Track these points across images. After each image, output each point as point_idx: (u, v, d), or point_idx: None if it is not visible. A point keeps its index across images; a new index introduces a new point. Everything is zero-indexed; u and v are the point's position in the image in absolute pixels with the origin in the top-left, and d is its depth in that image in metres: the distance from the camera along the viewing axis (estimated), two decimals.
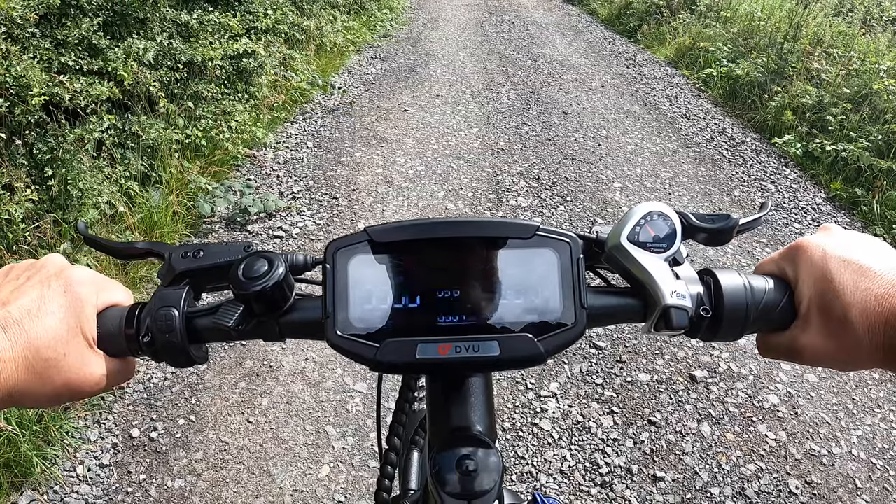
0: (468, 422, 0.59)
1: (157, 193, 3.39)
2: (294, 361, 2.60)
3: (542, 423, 2.37)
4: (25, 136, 2.81)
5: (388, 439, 0.70)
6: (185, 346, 0.55)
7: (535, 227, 0.56)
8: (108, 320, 0.55)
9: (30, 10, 2.80)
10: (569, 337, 0.54)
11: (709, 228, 0.61)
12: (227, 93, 4.32)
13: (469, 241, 0.56)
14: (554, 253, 0.55)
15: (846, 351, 0.51)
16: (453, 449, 0.55)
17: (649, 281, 0.56)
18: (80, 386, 0.52)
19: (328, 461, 2.20)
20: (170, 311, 0.55)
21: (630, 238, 0.57)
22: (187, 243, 0.64)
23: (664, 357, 2.70)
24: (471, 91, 6.17)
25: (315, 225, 3.59)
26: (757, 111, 5.61)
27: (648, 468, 2.22)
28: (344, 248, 0.55)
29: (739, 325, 0.57)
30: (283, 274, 0.55)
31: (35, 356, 0.48)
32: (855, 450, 2.31)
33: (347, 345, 0.54)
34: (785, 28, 6.56)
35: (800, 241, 0.55)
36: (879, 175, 4.17)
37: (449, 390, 0.61)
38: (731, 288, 0.57)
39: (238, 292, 0.55)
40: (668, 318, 0.54)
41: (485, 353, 0.53)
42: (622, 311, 0.60)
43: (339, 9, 7.68)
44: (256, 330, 0.58)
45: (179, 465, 2.18)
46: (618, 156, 4.76)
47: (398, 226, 0.56)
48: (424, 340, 0.53)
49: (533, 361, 0.54)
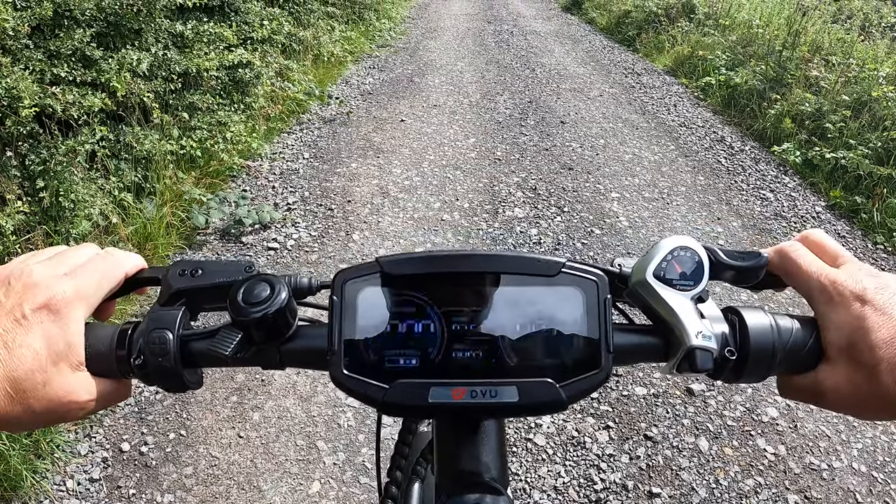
0: (479, 467, 0.56)
1: (151, 205, 3.37)
2: (286, 376, 2.57)
3: (535, 439, 2.33)
4: (17, 148, 2.80)
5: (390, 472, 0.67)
6: (178, 370, 0.52)
7: (562, 263, 0.53)
8: (98, 340, 0.52)
9: (22, 21, 2.79)
10: (593, 382, 0.51)
11: (738, 266, 0.57)
12: (222, 103, 4.30)
13: (489, 277, 0.52)
14: (580, 292, 0.52)
15: (871, 401, 0.49)
16: (463, 496, 0.52)
17: (674, 321, 0.53)
18: (64, 412, 0.49)
19: (319, 477, 2.17)
20: (164, 334, 0.51)
21: (656, 274, 0.54)
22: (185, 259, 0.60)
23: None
24: (468, 101, 6.16)
25: (310, 237, 3.57)
26: (756, 119, 5.59)
27: (644, 484, 2.18)
28: (353, 280, 0.52)
29: (765, 367, 0.53)
30: (285, 300, 0.52)
31: (13, 387, 0.46)
32: (855, 463, 2.28)
33: (353, 384, 0.51)
34: (783, 36, 6.56)
35: (835, 279, 0.51)
36: (879, 182, 4.15)
37: (460, 434, 0.57)
38: (758, 328, 0.53)
39: (237, 318, 0.51)
40: (693, 359, 0.51)
41: (502, 399, 0.50)
42: (644, 351, 0.56)
43: (337, 19, 7.69)
44: (255, 357, 0.54)
45: (169, 479, 2.15)
46: (616, 165, 4.74)
47: (413, 258, 0.53)
48: (437, 383, 0.50)
49: (553, 408, 0.51)
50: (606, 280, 0.53)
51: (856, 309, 0.49)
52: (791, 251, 0.55)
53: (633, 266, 0.57)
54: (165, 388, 0.54)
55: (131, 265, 0.58)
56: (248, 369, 2.58)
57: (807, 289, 0.53)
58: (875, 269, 0.52)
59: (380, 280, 0.52)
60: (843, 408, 0.52)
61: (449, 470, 0.57)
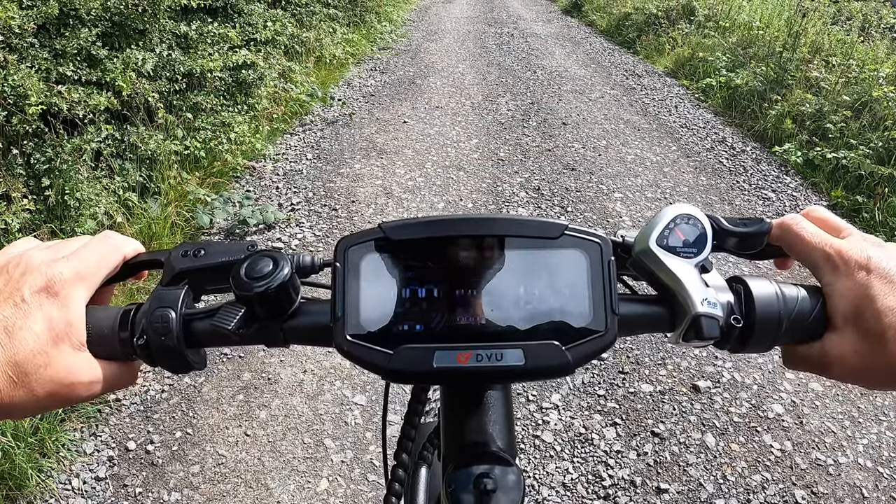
0: (486, 437, 0.55)
1: (156, 205, 3.38)
2: (292, 374, 2.57)
3: (543, 436, 2.34)
4: (23, 146, 2.80)
5: (397, 455, 0.65)
6: (181, 349, 0.51)
7: (564, 226, 0.52)
8: (100, 321, 0.52)
9: (28, 19, 2.79)
10: (599, 345, 0.50)
11: (740, 233, 0.57)
12: (226, 104, 4.31)
13: (491, 240, 0.52)
14: (583, 254, 0.52)
15: (877, 370, 0.49)
16: (470, 466, 0.51)
17: (679, 288, 0.52)
18: (66, 393, 0.49)
19: (327, 475, 2.17)
20: (166, 313, 0.51)
21: (659, 242, 0.54)
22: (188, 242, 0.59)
23: (667, 367, 2.67)
24: (470, 102, 6.17)
25: (314, 237, 3.57)
26: (757, 120, 5.60)
27: (652, 480, 2.18)
28: (355, 246, 0.51)
29: (771, 336, 0.53)
30: (288, 275, 0.51)
31: (15, 370, 0.46)
32: (861, 459, 2.28)
33: (358, 351, 0.49)
34: (784, 37, 6.57)
35: (840, 248, 0.51)
36: (880, 182, 4.16)
37: (466, 402, 0.57)
38: (763, 296, 0.53)
39: (239, 293, 0.50)
40: (699, 327, 0.51)
41: (508, 363, 0.49)
42: (649, 320, 0.56)
43: (339, 21, 7.70)
44: (259, 335, 0.54)
45: (176, 478, 2.14)
46: (618, 166, 4.74)
47: (415, 222, 0.52)
48: (442, 347, 0.49)
49: (560, 372, 0.50)
50: (610, 242, 0.53)
51: (861, 277, 0.49)
52: (794, 223, 0.55)
53: (637, 235, 0.57)
54: (169, 369, 0.53)
55: (130, 249, 0.57)
56: (254, 367, 2.58)
57: (811, 259, 0.53)
58: (880, 240, 0.52)
59: (383, 245, 0.51)
60: (850, 377, 0.51)
61: (456, 441, 0.56)
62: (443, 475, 0.54)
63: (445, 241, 0.52)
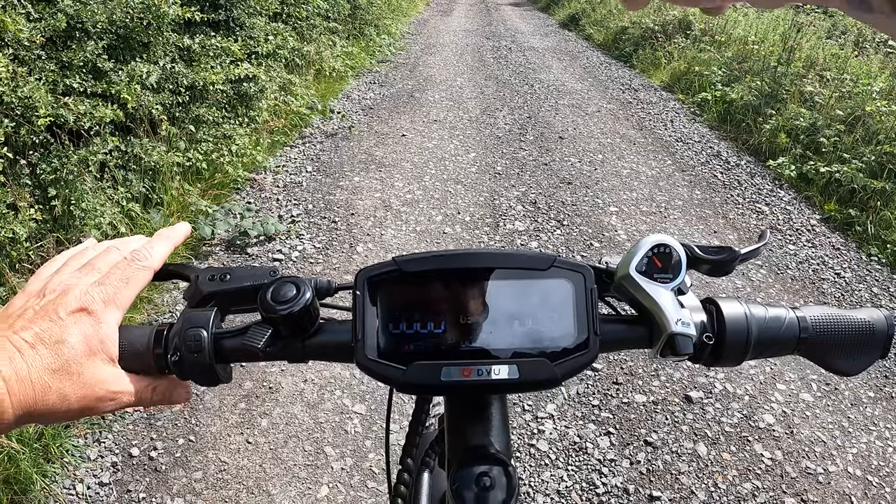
0: (486, 441, 0.62)
1: (158, 215, 3.43)
2: (293, 383, 2.61)
3: (539, 444, 2.38)
4: (30, 157, 2.85)
5: (402, 459, 0.72)
6: (212, 365, 0.58)
7: (553, 258, 0.60)
8: (134, 339, 0.57)
9: (36, 32, 2.85)
10: (582, 361, 0.58)
11: (712, 260, 0.65)
12: (227, 116, 4.37)
13: (490, 272, 0.60)
14: (569, 283, 0.59)
15: None
16: (472, 466, 0.58)
17: (656, 310, 0.60)
18: (95, 400, 0.53)
19: (327, 482, 2.21)
20: (199, 332, 0.57)
21: (638, 269, 0.62)
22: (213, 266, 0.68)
23: (660, 378, 2.72)
24: (468, 116, 6.24)
25: (314, 248, 3.62)
26: (751, 134, 5.67)
27: (645, 488, 2.23)
28: (372, 276, 0.59)
29: (740, 351, 0.61)
30: (310, 298, 0.59)
31: (51, 377, 0.50)
32: (851, 467, 2.32)
33: (376, 367, 0.57)
34: (778, 51, 6.67)
35: None
36: (873, 196, 4.22)
37: (468, 411, 0.64)
38: (733, 316, 0.61)
39: (267, 315, 0.58)
40: (674, 344, 0.58)
41: (504, 377, 0.57)
42: (630, 338, 0.64)
43: (339, 34, 7.78)
44: (282, 352, 0.61)
45: (179, 484, 2.18)
46: (614, 180, 4.81)
47: (424, 256, 0.60)
48: (448, 364, 0.57)
49: (549, 384, 0.58)
50: (592, 272, 0.60)
51: None
52: None
53: (619, 262, 0.65)
54: (199, 382, 0.60)
55: (158, 259, 0.63)
56: (255, 376, 2.62)
57: None
58: None
59: (396, 276, 0.59)
60: None
61: (459, 445, 0.63)
62: (447, 475, 0.61)
63: (450, 272, 0.60)
